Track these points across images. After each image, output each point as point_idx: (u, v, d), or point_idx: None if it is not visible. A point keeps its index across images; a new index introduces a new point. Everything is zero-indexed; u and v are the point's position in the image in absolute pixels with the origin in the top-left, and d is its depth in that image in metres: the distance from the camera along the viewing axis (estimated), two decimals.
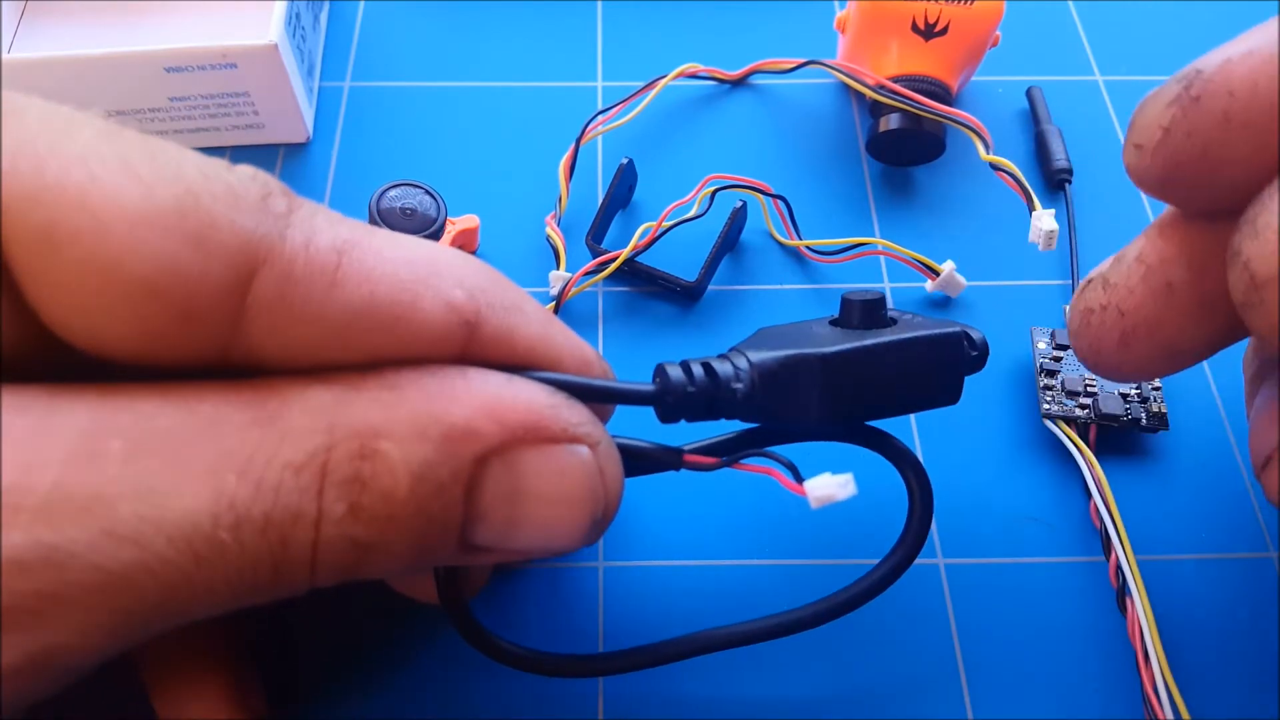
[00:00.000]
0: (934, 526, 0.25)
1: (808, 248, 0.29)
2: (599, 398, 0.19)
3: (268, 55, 0.29)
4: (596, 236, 0.29)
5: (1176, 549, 0.24)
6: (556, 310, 0.27)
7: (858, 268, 0.30)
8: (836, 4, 0.36)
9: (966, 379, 0.21)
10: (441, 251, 0.18)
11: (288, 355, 0.16)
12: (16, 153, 0.14)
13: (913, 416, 0.27)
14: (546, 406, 0.17)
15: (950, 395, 0.21)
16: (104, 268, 0.14)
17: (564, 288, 0.28)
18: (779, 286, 0.29)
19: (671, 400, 0.19)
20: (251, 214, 0.15)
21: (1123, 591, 0.23)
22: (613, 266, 0.28)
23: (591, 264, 0.28)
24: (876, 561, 0.23)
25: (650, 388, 0.19)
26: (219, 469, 0.14)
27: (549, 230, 0.29)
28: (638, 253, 0.28)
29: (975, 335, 0.21)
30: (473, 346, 0.18)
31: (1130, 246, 0.19)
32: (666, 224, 0.28)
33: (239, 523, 0.14)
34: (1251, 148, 0.16)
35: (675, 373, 0.19)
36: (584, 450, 0.18)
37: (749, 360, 0.19)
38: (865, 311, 0.21)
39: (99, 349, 0.15)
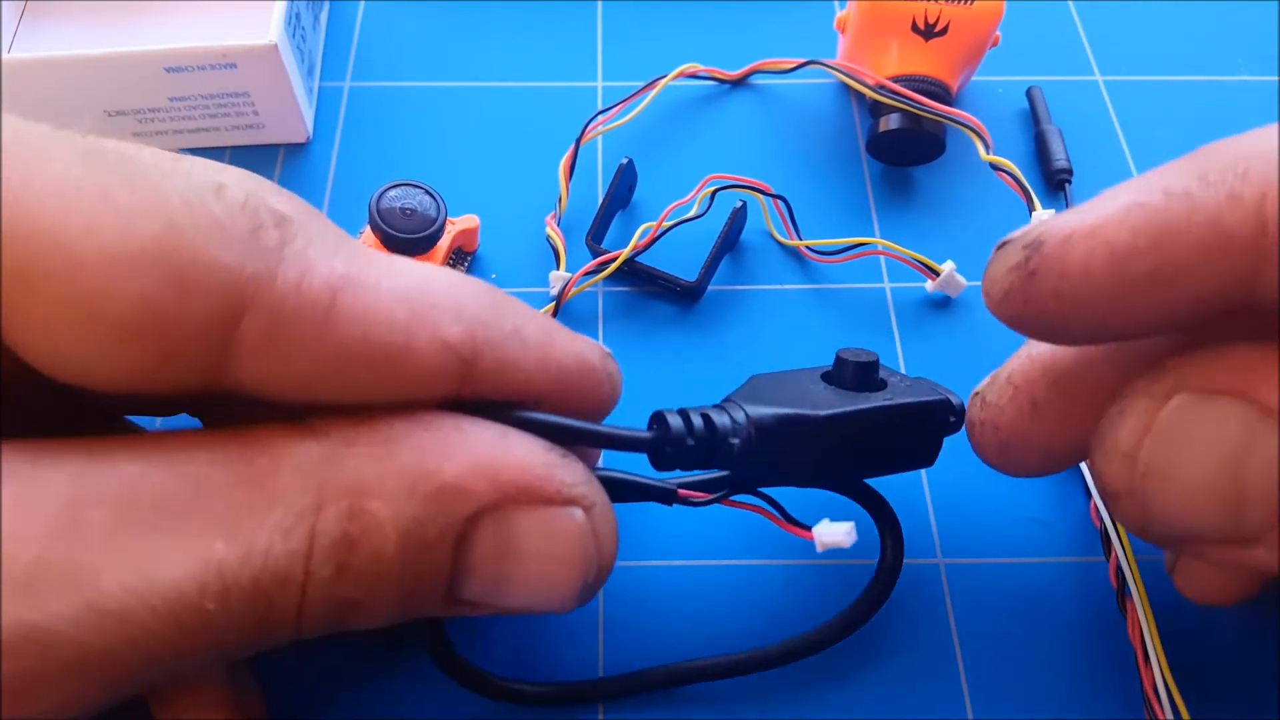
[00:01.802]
0: (934, 526, 0.25)
1: (808, 248, 0.29)
2: (597, 443, 0.19)
3: (268, 55, 0.29)
4: (596, 236, 0.29)
5: None
6: (556, 310, 0.27)
7: (858, 268, 0.30)
8: (836, 4, 0.36)
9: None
10: (438, 281, 0.17)
11: (277, 391, 0.16)
12: None
13: None
14: (541, 466, 0.17)
15: (928, 459, 0.22)
16: (80, 308, 0.13)
17: (564, 288, 0.28)
18: (779, 286, 0.29)
19: (670, 450, 0.19)
20: (239, 249, 0.14)
21: (1123, 591, 0.23)
22: (613, 266, 0.28)
23: (591, 264, 0.28)
24: (875, 562, 0.23)
25: (648, 434, 0.19)
26: (207, 534, 0.14)
27: (549, 230, 0.29)
28: (638, 253, 0.28)
29: (955, 402, 0.22)
30: (469, 382, 0.17)
31: (1003, 367, 0.21)
32: (666, 224, 0.28)
33: (226, 590, 0.14)
34: (1086, 322, 0.16)
35: (675, 422, 0.19)
36: (578, 513, 0.17)
37: (747, 415, 0.19)
38: (859, 373, 0.21)
39: (80, 383, 0.15)
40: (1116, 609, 0.24)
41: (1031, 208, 0.28)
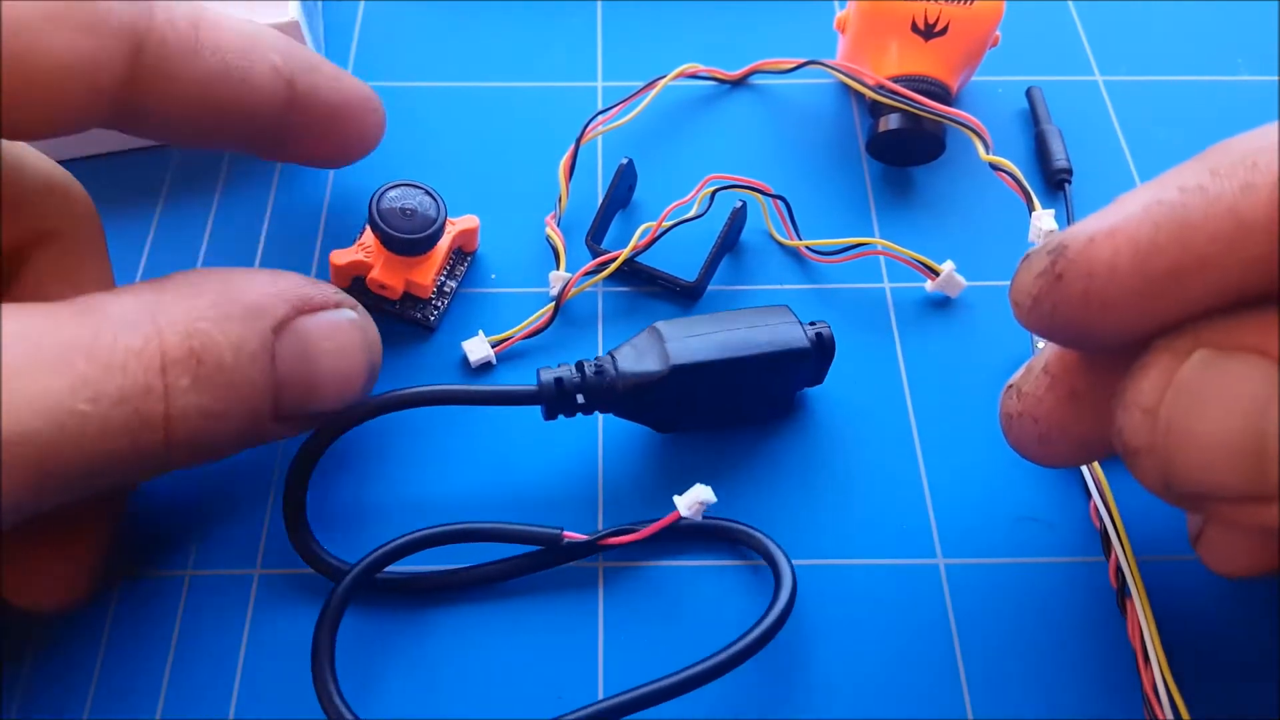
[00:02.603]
0: (934, 526, 0.25)
1: (808, 248, 0.29)
2: (490, 401, 0.24)
3: (290, 33, 0.29)
4: (596, 236, 0.29)
5: (1176, 549, 0.24)
6: (556, 310, 0.27)
7: (858, 268, 0.30)
8: (836, 4, 0.36)
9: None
10: (254, 24, 0.23)
11: (167, 109, 0.21)
12: None
13: (913, 419, 0.27)
14: (308, 284, 0.22)
15: (786, 410, 0.27)
16: (32, 64, 0.18)
17: (564, 288, 0.28)
18: (779, 286, 0.29)
19: (558, 398, 0.24)
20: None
21: (1123, 591, 0.23)
22: (613, 266, 0.28)
23: (591, 264, 0.28)
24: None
25: (534, 388, 0.24)
26: (68, 357, 0.17)
27: (549, 230, 0.29)
28: (638, 253, 0.28)
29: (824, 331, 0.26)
30: (294, 100, 0.23)
31: (1038, 357, 0.21)
32: (666, 224, 0.28)
33: (97, 396, 0.17)
34: (1115, 321, 0.16)
35: (546, 375, 0.24)
36: (348, 311, 0.23)
37: (617, 366, 0.24)
38: None
39: (25, 127, 0.19)
40: (1116, 609, 0.24)
41: (1031, 208, 0.28)
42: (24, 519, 0.18)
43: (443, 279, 0.28)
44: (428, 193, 0.27)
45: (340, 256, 0.27)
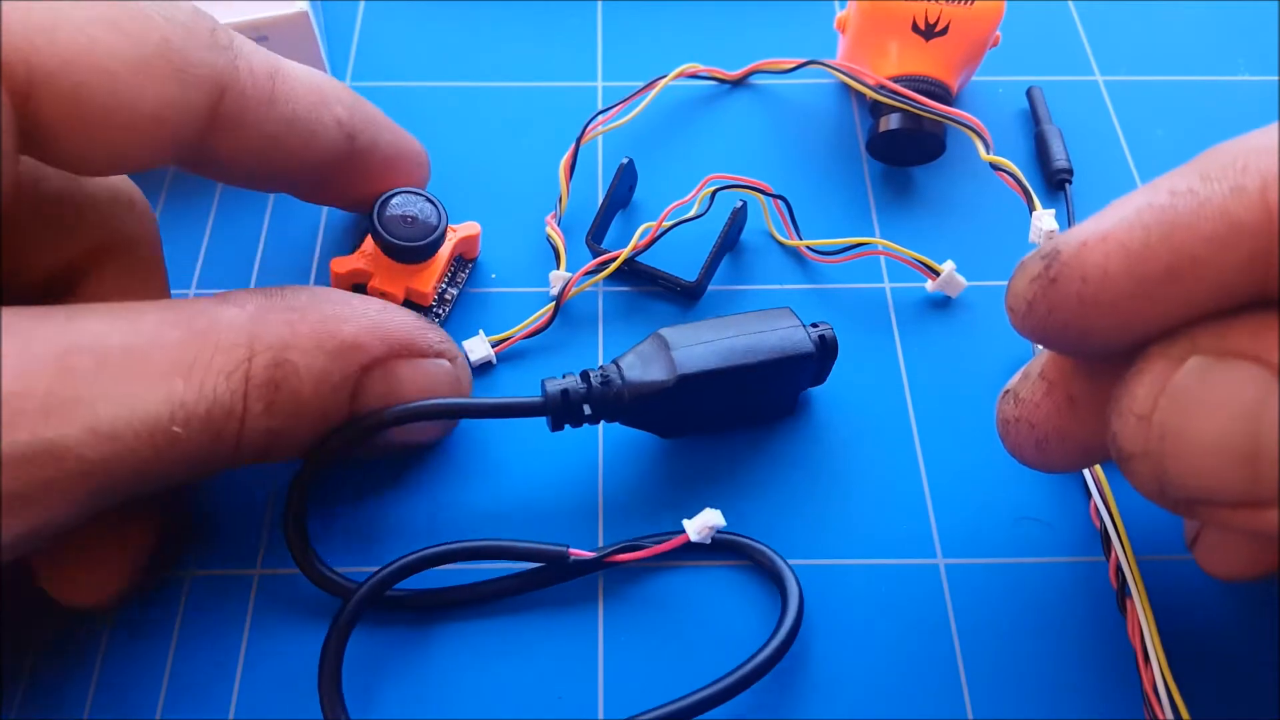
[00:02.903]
0: (934, 526, 0.25)
1: (808, 248, 0.29)
2: (498, 414, 0.23)
3: (299, 23, 0.29)
4: (596, 236, 0.29)
5: (1176, 549, 0.24)
6: (557, 309, 0.27)
7: (858, 268, 0.30)
8: (836, 4, 0.36)
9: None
10: (320, 74, 0.23)
11: (240, 157, 0.21)
12: (30, 37, 0.17)
13: (913, 419, 0.27)
14: (416, 329, 0.22)
15: (788, 410, 0.27)
16: (117, 111, 0.18)
17: (564, 288, 0.28)
18: (779, 286, 0.29)
19: (563, 410, 0.23)
20: (209, 49, 0.20)
21: (1123, 591, 0.23)
22: (613, 266, 0.28)
23: (591, 264, 0.28)
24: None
25: (540, 399, 0.23)
26: (169, 377, 0.18)
27: (549, 230, 0.29)
28: (638, 253, 0.28)
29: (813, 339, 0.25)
30: (354, 150, 0.23)
31: (1034, 362, 0.21)
32: (666, 224, 0.28)
33: (189, 418, 0.18)
34: (1110, 324, 0.16)
35: (552, 386, 0.23)
36: (446, 363, 0.23)
37: (623, 376, 0.23)
38: None
39: (103, 169, 0.20)
40: (1116, 609, 0.24)
41: (1031, 208, 0.28)
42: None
43: (444, 286, 0.28)
44: (429, 200, 0.27)
45: (341, 264, 0.27)
